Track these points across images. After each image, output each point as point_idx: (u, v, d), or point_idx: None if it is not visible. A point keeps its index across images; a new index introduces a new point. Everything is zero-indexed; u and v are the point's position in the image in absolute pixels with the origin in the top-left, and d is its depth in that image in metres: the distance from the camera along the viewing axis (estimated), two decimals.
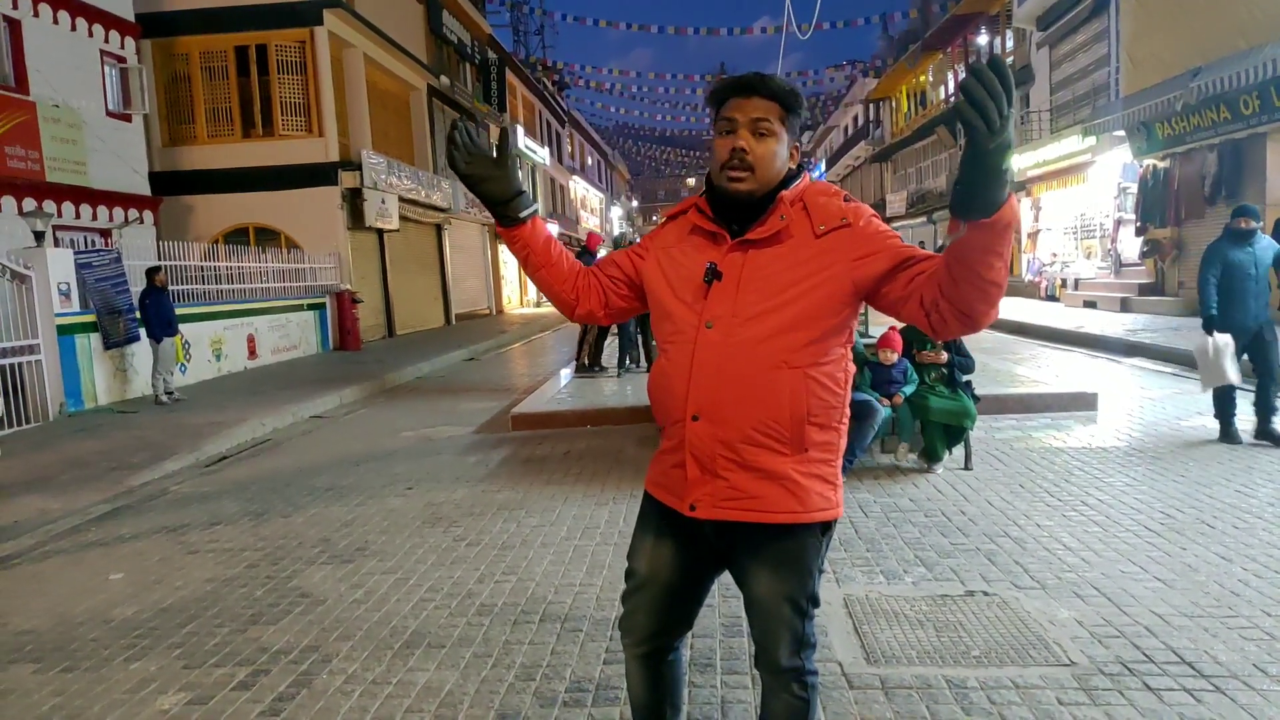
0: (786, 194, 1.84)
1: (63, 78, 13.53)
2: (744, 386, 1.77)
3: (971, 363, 5.88)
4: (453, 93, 25.15)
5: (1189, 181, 15.27)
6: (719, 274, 1.83)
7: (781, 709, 1.93)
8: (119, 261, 10.97)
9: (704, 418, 1.81)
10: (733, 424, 1.79)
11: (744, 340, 1.77)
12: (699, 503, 1.84)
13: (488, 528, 4.95)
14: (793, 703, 1.91)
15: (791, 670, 1.90)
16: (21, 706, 3.09)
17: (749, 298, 1.79)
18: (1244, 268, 6.08)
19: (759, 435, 1.78)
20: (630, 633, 2.05)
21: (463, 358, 15.57)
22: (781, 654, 1.88)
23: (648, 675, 2.09)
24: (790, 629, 1.88)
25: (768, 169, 1.83)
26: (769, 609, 1.88)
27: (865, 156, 43.61)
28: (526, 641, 3.39)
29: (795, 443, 1.79)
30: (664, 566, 1.97)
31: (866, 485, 5.40)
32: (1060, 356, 11.24)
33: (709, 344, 1.80)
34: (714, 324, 1.80)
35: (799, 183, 1.88)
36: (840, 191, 1.91)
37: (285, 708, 2.97)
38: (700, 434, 1.81)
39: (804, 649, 1.91)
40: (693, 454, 1.83)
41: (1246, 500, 4.74)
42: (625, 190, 77.11)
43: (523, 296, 34.83)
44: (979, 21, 26.50)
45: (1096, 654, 3.03)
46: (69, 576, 4.55)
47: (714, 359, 1.79)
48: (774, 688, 1.94)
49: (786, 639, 1.88)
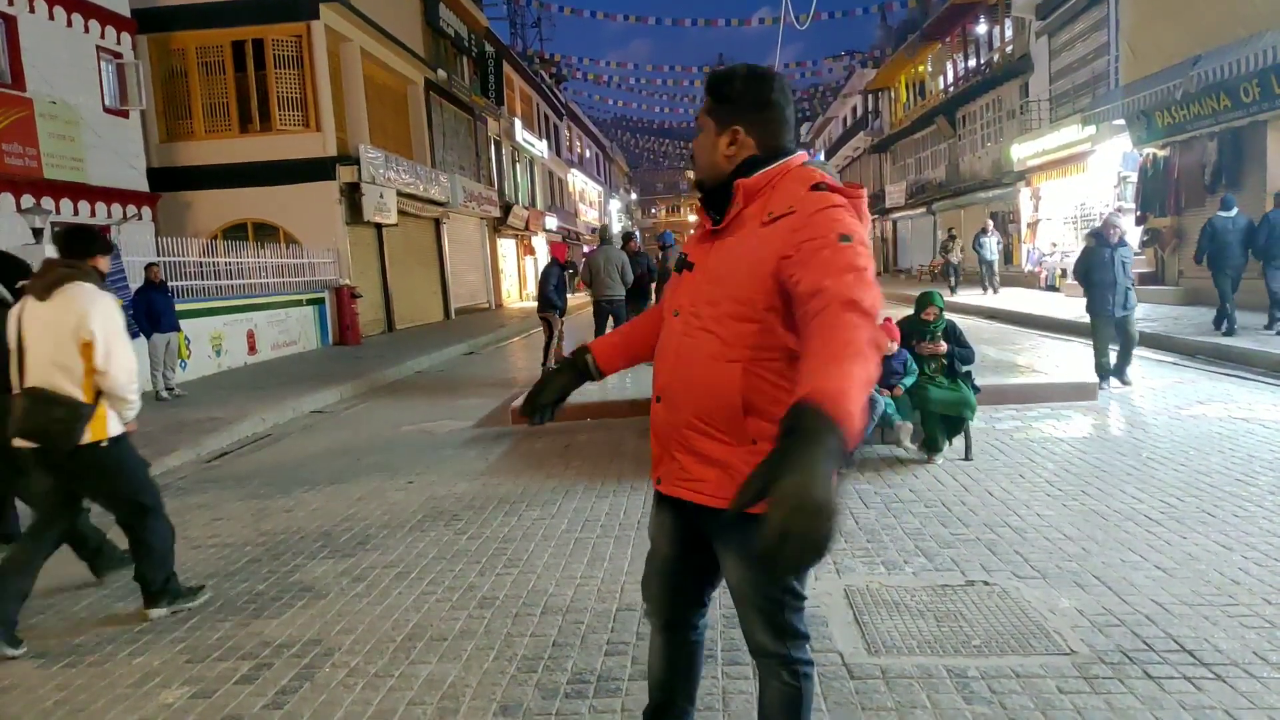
0: (745, 181, 1.81)
1: (59, 74, 13.51)
2: (690, 374, 1.83)
3: (971, 353, 5.87)
4: (450, 86, 25.09)
5: (1189, 170, 15.23)
6: (690, 264, 1.92)
7: (773, 696, 1.95)
8: (117, 258, 10.94)
9: (664, 401, 1.90)
10: (681, 409, 1.85)
11: (694, 329, 1.83)
12: (662, 478, 1.95)
13: (488, 521, 4.95)
14: (783, 690, 1.93)
15: (776, 657, 1.91)
16: (25, 702, 3.10)
17: (703, 288, 1.85)
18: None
19: (700, 423, 1.82)
20: (648, 600, 2.16)
21: (462, 352, 15.57)
22: (761, 640, 1.92)
23: (666, 649, 2.17)
24: (764, 616, 1.89)
25: (702, 160, 1.91)
26: (740, 596, 1.93)
27: (864, 147, 43.51)
28: (528, 634, 3.40)
29: (737, 434, 1.78)
30: (662, 537, 2.06)
31: (867, 476, 5.40)
32: (1060, 346, 11.23)
33: (671, 331, 1.90)
34: (679, 312, 1.88)
35: (770, 168, 1.82)
36: (817, 178, 1.78)
37: (288, 701, 2.98)
38: (660, 415, 1.92)
39: (787, 638, 1.90)
40: (655, 433, 1.95)
41: (1246, 489, 4.75)
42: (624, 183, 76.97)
43: (522, 290, 34.81)
44: (978, 11, 26.40)
45: (1097, 643, 3.04)
46: (70, 572, 4.55)
47: (673, 345, 1.88)
48: (764, 675, 1.97)
49: (761, 625, 1.90)
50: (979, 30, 26.94)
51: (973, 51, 28.12)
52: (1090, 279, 8.01)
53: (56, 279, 3.55)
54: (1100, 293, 7.91)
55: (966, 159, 28.70)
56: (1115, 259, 7.81)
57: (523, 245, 35.91)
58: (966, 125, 28.76)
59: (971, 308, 16.98)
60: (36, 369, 3.53)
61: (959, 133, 29.35)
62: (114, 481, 3.73)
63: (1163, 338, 10.61)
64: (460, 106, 26.64)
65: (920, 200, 32.79)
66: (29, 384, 3.54)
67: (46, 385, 3.50)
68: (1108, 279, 7.83)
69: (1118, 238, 7.96)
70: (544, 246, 35.43)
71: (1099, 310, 7.96)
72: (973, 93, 27.27)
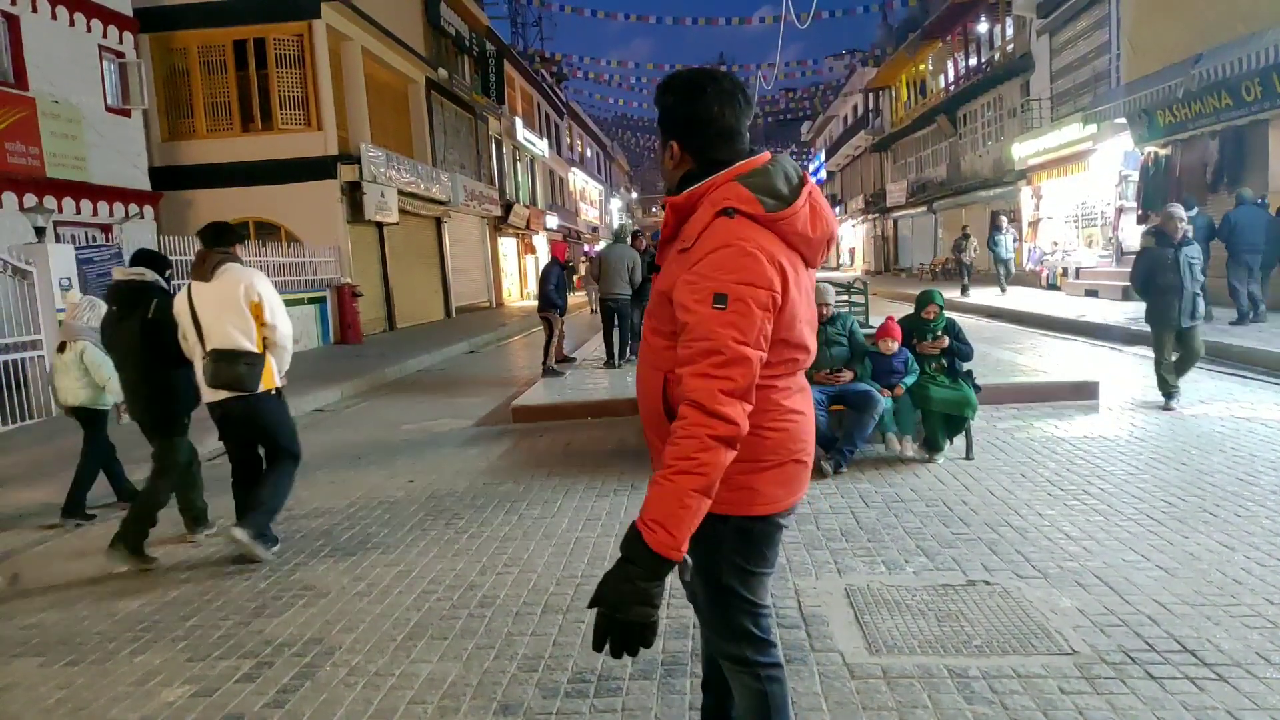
0: (673, 200, 1.82)
1: (62, 73, 13.51)
2: (639, 378, 1.94)
3: (971, 351, 5.87)
4: (451, 85, 25.08)
5: (1191, 169, 15.20)
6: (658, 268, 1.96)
7: (738, 697, 1.97)
8: (119, 257, 10.96)
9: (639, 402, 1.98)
10: (642, 412, 1.94)
11: (645, 336, 1.90)
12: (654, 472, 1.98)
13: (489, 520, 4.96)
14: (745, 692, 1.94)
15: (736, 659, 1.91)
16: (27, 700, 3.11)
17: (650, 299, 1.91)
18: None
19: (647, 423, 1.92)
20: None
21: (463, 350, 15.58)
22: (717, 642, 1.94)
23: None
24: (716, 614, 1.91)
25: (665, 174, 1.91)
26: (694, 592, 1.96)
27: (865, 146, 43.48)
28: (529, 633, 3.40)
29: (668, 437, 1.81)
30: None
31: (868, 475, 5.40)
32: (1061, 345, 11.22)
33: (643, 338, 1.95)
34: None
35: (695, 186, 1.78)
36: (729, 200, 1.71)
37: (289, 699, 2.98)
38: (640, 415, 1.99)
39: (743, 641, 1.89)
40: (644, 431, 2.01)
41: (1248, 488, 4.74)
42: (625, 182, 76.97)
43: (522, 289, 34.81)
44: (979, 9, 26.38)
45: (1099, 643, 3.04)
46: (73, 570, 4.56)
47: (640, 351, 1.95)
48: (729, 676, 1.98)
49: (713, 623, 1.94)
50: (980, 29, 26.92)
51: (974, 50, 28.09)
52: (1152, 285, 6.87)
53: (216, 263, 4.37)
54: (1164, 300, 6.78)
55: (967, 158, 28.68)
56: (1181, 260, 6.71)
57: (524, 244, 35.91)
58: (967, 124, 28.73)
59: (980, 307, 16.92)
60: (216, 334, 4.30)
61: (960, 131, 29.32)
62: (278, 426, 4.59)
63: None
64: (461, 105, 26.63)
65: (921, 199, 32.76)
66: (212, 346, 4.29)
67: (228, 345, 4.27)
68: (1173, 284, 6.70)
69: (1182, 234, 6.77)
70: (545, 245, 35.42)
71: (1163, 321, 6.83)
72: (974, 91, 27.24)
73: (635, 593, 1.59)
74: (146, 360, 4.57)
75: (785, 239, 1.73)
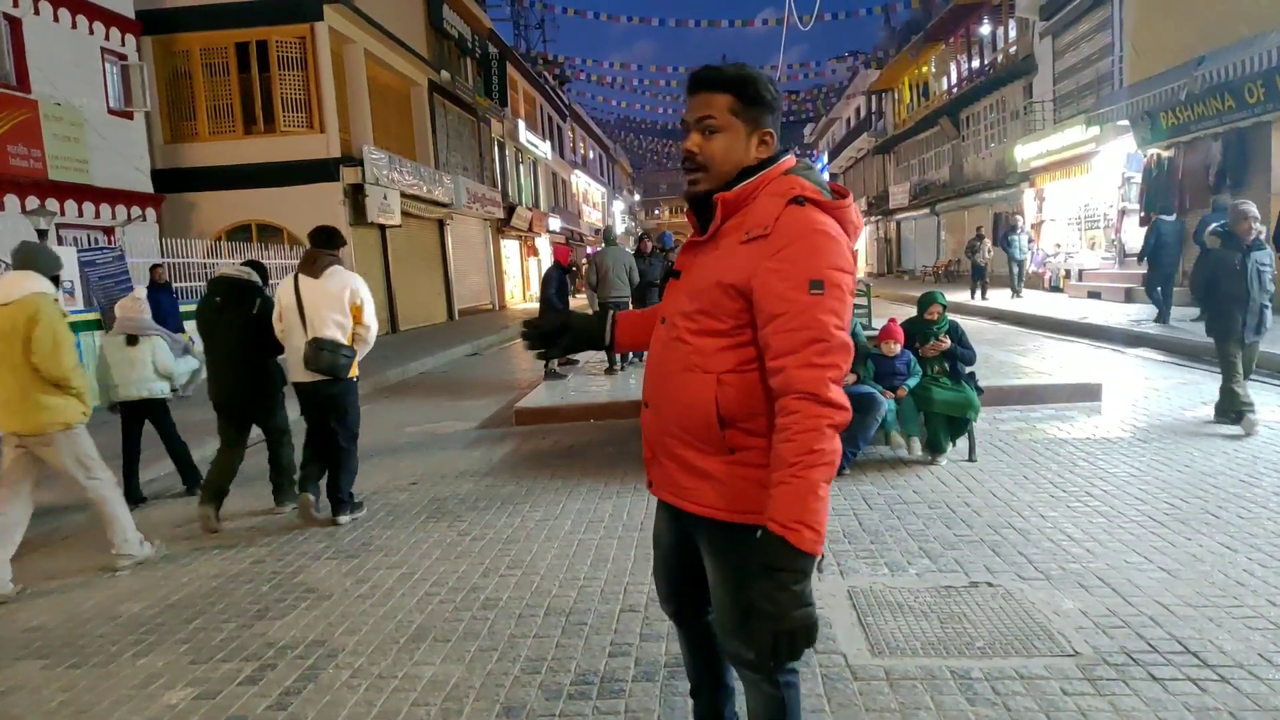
0: (725, 196, 1.77)
1: (64, 76, 13.54)
2: (669, 384, 1.84)
3: (973, 356, 5.86)
4: (453, 87, 25.12)
5: (1194, 171, 15.18)
6: (677, 273, 1.91)
7: (755, 703, 1.96)
8: (122, 259, 11.00)
9: (650, 407, 1.92)
10: (664, 418, 1.86)
11: (671, 339, 1.83)
12: (652, 481, 1.97)
13: (492, 522, 4.96)
14: (762, 699, 1.93)
15: (753, 666, 1.90)
16: (30, 703, 3.11)
17: (681, 299, 1.84)
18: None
19: (678, 430, 1.82)
20: (658, 590, 2.21)
21: (466, 353, 15.59)
22: (737, 646, 1.91)
23: (684, 637, 2.22)
24: (740, 623, 1.87)
25: (720, 166, 1.79)
26: (716, 600, 1.93)
27: (868, 148, 43.46)
28: (531, 635, 3.40)
29: (713, 444, 1.78)
30: (663, 532, 2.10)
31: (870, 477, 5.40)
32: (1064, 347, 11.22)
33: (658, 338, 1.90)
34: (665, 320, 1.88)
35: (753, 178, 1.78)
36: (796, 189, 1.72)
37: (292, 702, 2.98)
38: (648, 421, 1.93)
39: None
40: (645, 438, 1.96)
41: (1251, 490, 4.74)
42: (628, 184, 76.99)
43: (525, 292, 34.84)
44: (981, 12, 26.38)
45: (1101, 644, 3.03)
46: (76, 572, 4.57)
47: (657, 353, 1.89)
48: (745, 680, 1.97)
49: (735, 632, 1.90)
50: (983, 31, 26.90)
51: (976, 52, 28.08)
52: (1216, 292, 6.06)
53: (326, 264, 5.00)
54: (1229, 310, 5.99)
55: (970, 160, 28.66)
56: (1250, 266, 5.87)
57: (526, 246, 35.94)
58: (970, 126, 28.72)
59: (983, 310, 16.89)
60: (318, 325, 4.87)
61: (963, 134, 29.30)
62: (351, 409, 5.14)
63: (1166, 339, 10.60)
64: (464, 108, 26.67)
65: (924, 201, 32.75)
66: (314, 335, 4.84)
67: (328, 336, 4.84)
68: (1239, 293, 5.89)
69: (1255, 236, 5.92)
70: (548, 248, 35.43)
71: (1227, 333, 6.05)
72: (976, 94, 27.23)
73: (793, 599, 1.57)
74: (250, 349, 5.19)
75: (844, 227, 1.74)
